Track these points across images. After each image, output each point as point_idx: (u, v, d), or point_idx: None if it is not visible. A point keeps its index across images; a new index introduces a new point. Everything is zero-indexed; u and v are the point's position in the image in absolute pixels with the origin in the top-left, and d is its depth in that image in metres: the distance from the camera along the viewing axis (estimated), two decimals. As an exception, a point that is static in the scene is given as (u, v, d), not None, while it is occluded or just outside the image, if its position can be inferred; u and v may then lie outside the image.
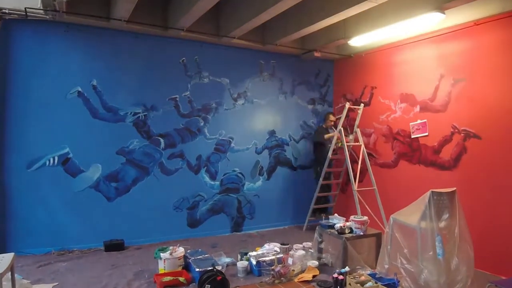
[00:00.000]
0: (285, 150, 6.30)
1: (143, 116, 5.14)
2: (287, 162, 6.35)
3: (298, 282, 3.71)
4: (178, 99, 5.38)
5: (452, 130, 4.53)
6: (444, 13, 3.98)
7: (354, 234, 3.96)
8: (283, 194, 6.28)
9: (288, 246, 4.43)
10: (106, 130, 4.89)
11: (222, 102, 5.74)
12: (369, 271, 3.64)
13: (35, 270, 3.94)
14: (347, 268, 3.55)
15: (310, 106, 6.58)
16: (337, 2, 4.23)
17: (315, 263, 3.98)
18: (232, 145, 5.82)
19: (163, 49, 5.26)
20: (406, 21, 4.27)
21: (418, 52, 5.03)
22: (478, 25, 4.20)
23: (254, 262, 3.90)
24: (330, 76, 6.77)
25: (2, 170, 4.39)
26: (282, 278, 3.71)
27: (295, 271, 3.87)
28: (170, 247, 3.95)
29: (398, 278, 3.33)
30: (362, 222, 3.98)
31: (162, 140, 5.26)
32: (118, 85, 4.97)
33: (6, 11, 4.20)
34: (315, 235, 4.29)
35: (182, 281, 3.58)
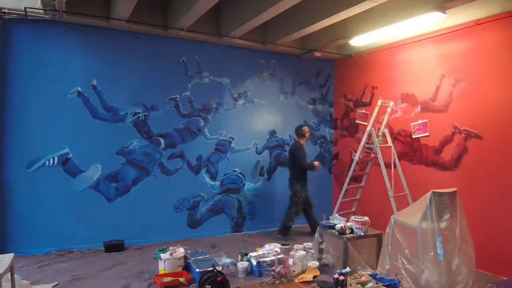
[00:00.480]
0: (285, 150, 6.27)
1: (143, 116, 5.13)
2: (288, 163, 6.33)
3: (298, 282, 3.70)
4: (178, 99, 5.37)
5: (453, 130, 4.52)
6: (445, 12, 3.97)
7: (355, 235, 3.96)
8: (284, 195, 6.25)
9: (288, 247, 4.42)
10: (106, 130, 4.88)
11: (222, 102, 5.73)
12: (370, 272, 3.65)
13: (35, 270, 3.94)
14: (348, 268, 3.54)
15: (311, 106, 6.57)
16: (337, 2, 4.21)
17: (316, 264, 3.97)
18: (232, 145, 5.81)
19: (163, 49, 5.25)
20: (407, 21, 4.26)
21: (419, 52, 5.01)
22: (479, 25, 4.19)
23: (255, 263, 3.89)
24: (330, 76, 6.76)
25: (2, 170, 4.38)
26: (282, 279, 3.71)
27: (296, 272, 3.86)
28: (170, 248, 3.94)
29: (399, 279, 3.32)
30: (362, 223, 3.97)
31: (162, 140, 5.25)
32: (118, 85, 4.97)
33: (6, 11, 4.19)
34: (316, 236, 4.29)
35: (182, 281, 3.57)
